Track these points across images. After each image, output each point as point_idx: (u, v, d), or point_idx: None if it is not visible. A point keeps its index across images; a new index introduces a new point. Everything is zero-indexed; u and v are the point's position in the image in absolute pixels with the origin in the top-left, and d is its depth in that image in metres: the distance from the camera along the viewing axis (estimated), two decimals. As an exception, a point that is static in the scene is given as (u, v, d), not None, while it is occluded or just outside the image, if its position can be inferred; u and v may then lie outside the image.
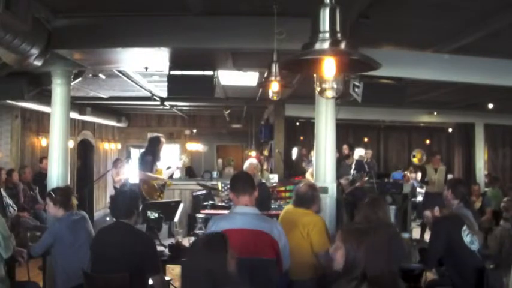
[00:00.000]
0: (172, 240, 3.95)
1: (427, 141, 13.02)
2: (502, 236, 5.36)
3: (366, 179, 7.35)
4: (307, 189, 3.55)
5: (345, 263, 2.05)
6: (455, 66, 4.92)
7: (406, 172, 11.53)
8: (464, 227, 3.32)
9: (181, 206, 4.79)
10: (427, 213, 3.90)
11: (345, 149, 7.88)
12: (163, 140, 6.39)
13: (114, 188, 9.31)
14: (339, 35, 1.63)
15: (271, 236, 2.80)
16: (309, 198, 3.48)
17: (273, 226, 2.82)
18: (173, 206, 4.70)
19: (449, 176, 9.40)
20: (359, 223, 2.33)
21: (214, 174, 9.89)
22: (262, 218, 2.91)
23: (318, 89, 1.87)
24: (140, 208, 3.27)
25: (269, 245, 2.81)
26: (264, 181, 6.46)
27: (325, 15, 1.64)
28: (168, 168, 6.74)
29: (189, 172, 12.06)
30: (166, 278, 4.29)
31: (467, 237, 3.29)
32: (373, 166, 8.00)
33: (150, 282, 3.14)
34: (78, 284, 3.21)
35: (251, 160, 6.23)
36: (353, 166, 7.54)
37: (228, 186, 3.40)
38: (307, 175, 7.42)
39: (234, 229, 2.75)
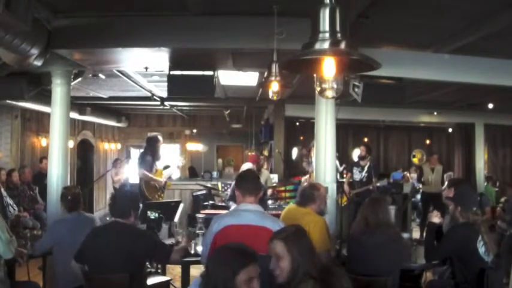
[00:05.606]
0: (172, 240, 3.95)
1: (427, 141, 12.99)
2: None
3: (378, 184, 7.37)
4: (308, 187, 3.63)
5: (291, 269, 2.10)
6: (455, 66, 4.92)
7: (405, 172, 11.53)
8: (480, 238, 3.28)
9: (181, 206, 4.80)
10: (435, 219, 3.63)
11: (362, 150, 7.77)
12: (160, 138, 6.39)
13: (114, 188, 9.30)
14: (339, 35, 1.63)
15: (274, 233, 2.84)
16: (308, 196, 3.51)
17: (276, 224, 2.86)
18: (173, 206, 4.71)
19: (449, 174, 9.42)
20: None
21: (214, 174, 9.90)
22: (266, 215, 2.98)
23: (318, 89, 1.87)
24: (140, 209, 3.25)
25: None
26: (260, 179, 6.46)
27: (325, 15, 1.64)
28: (167, 167, 6.73)
29: (191, 172, 12.06)
30: (167, 278, 4.30)
31: (482, 248, 3.26)
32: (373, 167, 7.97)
33: (150, 282, 3.13)
34: (79, 285, 3.20)
35: (248, 165, 6.21)
36: (366, 168, 7.50)
37: (231, 184, 3.41)
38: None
39: (238, 225, 2.81)
